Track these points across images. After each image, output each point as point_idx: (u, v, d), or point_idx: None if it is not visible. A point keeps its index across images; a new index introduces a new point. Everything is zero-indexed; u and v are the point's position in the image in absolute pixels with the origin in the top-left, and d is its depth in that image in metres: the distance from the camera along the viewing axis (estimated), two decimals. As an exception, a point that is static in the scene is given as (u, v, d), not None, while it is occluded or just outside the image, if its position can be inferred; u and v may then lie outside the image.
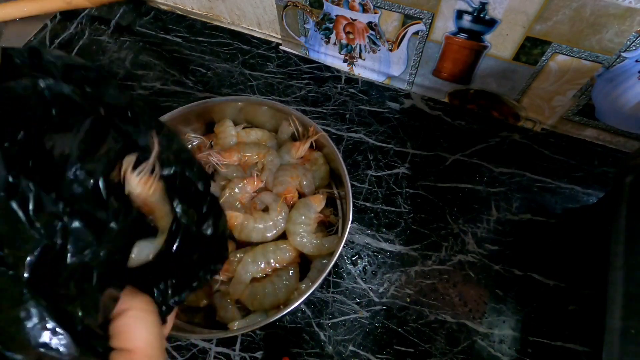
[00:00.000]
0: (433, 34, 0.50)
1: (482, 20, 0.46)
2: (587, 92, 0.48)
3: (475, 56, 0.51)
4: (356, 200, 0.52)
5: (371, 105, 0.60)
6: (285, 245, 0.44)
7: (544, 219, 0.50)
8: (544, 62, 0.47)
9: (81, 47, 0.69)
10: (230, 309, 0.43)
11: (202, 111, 0.51)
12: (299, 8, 0.57)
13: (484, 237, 0.49)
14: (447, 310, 0.45)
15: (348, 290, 0.47)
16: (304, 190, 0.48)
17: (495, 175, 0.53)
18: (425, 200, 0.52)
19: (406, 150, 0.56)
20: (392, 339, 0.44)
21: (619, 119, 0.50)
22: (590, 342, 0.43)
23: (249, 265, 0.43)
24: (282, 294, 0.42)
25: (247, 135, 0.52)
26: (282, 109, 0.50)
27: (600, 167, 0.53)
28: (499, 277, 0.47)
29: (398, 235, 0.50)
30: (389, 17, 0.51)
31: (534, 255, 0.48)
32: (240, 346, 0.45)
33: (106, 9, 0.73)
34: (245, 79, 0.64)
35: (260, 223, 0.44)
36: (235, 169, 0.49)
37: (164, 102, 0.62)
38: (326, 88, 0.62)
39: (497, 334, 0.44)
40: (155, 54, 0.67)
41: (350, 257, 0.49)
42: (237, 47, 0.67)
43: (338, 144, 0.56)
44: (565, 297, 0.45)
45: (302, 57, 0.65)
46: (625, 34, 0.41)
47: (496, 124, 0.57)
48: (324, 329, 0.45)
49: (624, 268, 0.37)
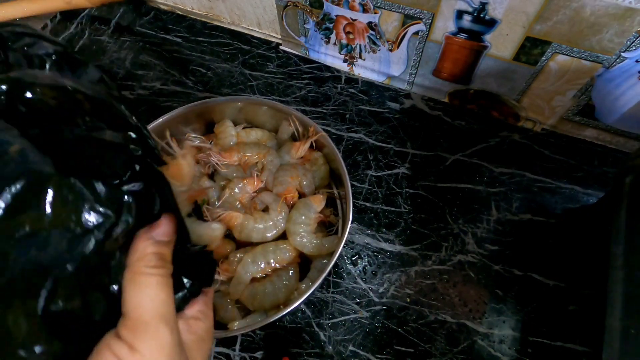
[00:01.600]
0: (433, 34, 0.50)
1: (482, 20, 0.46)
2: (587, 92, 0.48)
3: (475, 56, 0.51)
4: (356, 200, 0.52)
5: (371, 105, 0.60)
6: (285, 245, 0.44)
7: (544, 219, 0.50)
8: (544, 62, 0.47)
9: (81, 47, 0.69)
10: (230, 309, 0.43)
11: (202, 111, 0.51)
12: (299, 8, 0.57)
13: (484, 237, 0.49)
14: (447, 310, 0.45)
15: (348, 290, 0.47)
16: (304, 190, 0.48)
17: (495, 175, 0.53)
18: (425, 200, 0.52)
19: (406, 150, 0.56)
20: (392, 339, 0.44)
21: (619, 119, 0.50)
22: (590, 342, 0.43)
23: (249, 265, 0.43)
24: (282, 294, 0.42)
25: (247, 135, 0.52)
26: (282, 109, 0.50)
27: (600, 167, 0.53)
28: (499, 277, 0.47)
29: (398, 235, 0.50)
30: (389, 17, 0.51)
31: (534, 255, 0.48)
32: (240, 346, 0.45)
33: (106, 9, 0.73)
34: (245, 79, 0.64)
35: (260, 223, 0.44)
36: (235, 169, 0.49)
37: (164, 102, 0.62)
38: (326, 88, 0.62)
39: (497, 334, 0.44)
40: (155, 54, 0.67)
41: (350, 257, 0.49)
42: (237, 47, 0.67)
43: (338, 144, 0.56)
44: (565, 297, 0.45)
45: (302, 57, 0.65)
46: (625, 34, 0.41)
47: (496, 124, 0.57)
48: (324, 329, 0.45)
49: (624, 268, 0.37)
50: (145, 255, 0.19)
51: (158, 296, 0.19)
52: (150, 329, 0.18)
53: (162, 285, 0.19)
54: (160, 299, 0.19)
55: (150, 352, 0.18)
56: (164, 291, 0.19)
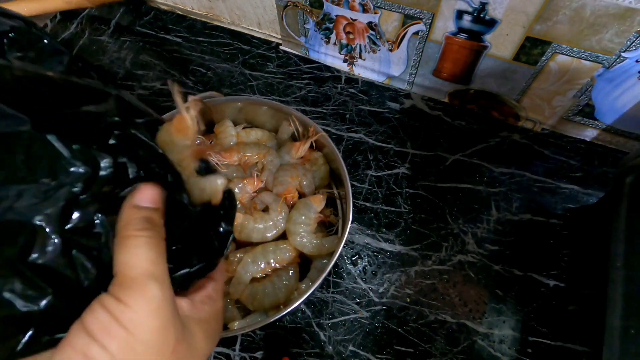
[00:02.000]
0: (433, 34, 0.50)
1: (482, 20, 0.46)
2: (587, 92, 0.48)
3: (475, 56, 0.51)
4: (356, 200, 0.52)
5: (371, 105, 0.60)
6: (285, 245, 0.44)
7: (544, 219, 0.50)
8: (544, 62, 0.47)
9: (81, 47, 0.69)
10: (230, 309, 0.43)
11: (202, 111, 0.51)
12: (299, 8, 0.57)
13: (484, 237, 0.49)
14: (447, 310, 0.45)
15: (348, 290, 0.47)
16: (304, 190, 0.48)
17: (495, 175, 0.53)
18: (425, 200, 0.52)
19: (406, 150, 0.56)
20: (392, 339, 0.44)
21: (619, 119, 0.50)
22: (590, 342, 0.43)
23: (248, 265, 0.43)
24: (282, 294, 0.42)
25: (247, 135, 0.52)
26: (282, 109, 0.50)
27: (600, 167, 0.53)
28: (499, 277, 0.47)
29: (398, 235, 0.50)
30: (389, 17, 0.51)
31: (534, 255, 0.48)
32: (240, 346, 0.45)
33: (106, 9, 0.73)
34: (245, 79, 0.64)
35: (260, 223, 0.44)
36: (235, 169, 0.49)
37: (164, 102, 0.62)
38: (326, 88, 0.62)
39: (497, 334, 0.44)
40: (155, 54, 0.67)
41: (350, 257, 0.49)
42: (237, 47, 0.67)
43: (338, 144, 0.56)
44: (565, 297, 0.45)
45: (302, 57, 0.65)
46: (625, 34, 0.41)
47: (496, 124, 0.57)
48: (324, 329, 0.45)
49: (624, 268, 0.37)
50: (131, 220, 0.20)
51: (146, 254, 0.19)
52: (138, 285, 0.18)
53: (150, 245, 0.19)
54: (148, 257, 0.19)
55: (138, 305, 0.18)
56: (153, 250, 0.19)
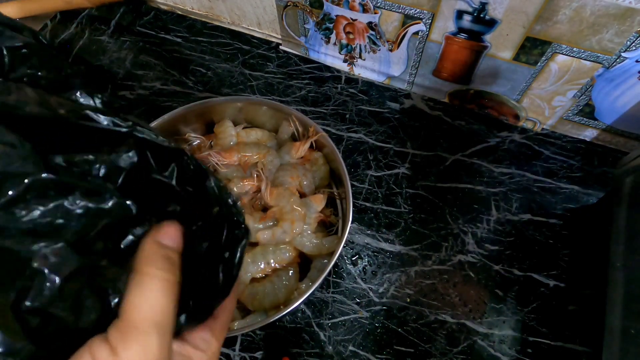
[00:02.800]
0: (433, 34, 0.50)
1: (482, 21, 0.46)
2: (587, 92, 0.48)
3: (475, 56, 0.51)
4: (356, 200, 0.52)
5: (371, 105, 0.60)
6: (285, 245, 0.44)
7: (544, 219, 0.50)
8: (544, 62, 0.47)
9: (81, 47, 0.69)
10: (230, 309, 0.43)
11: (202, 111, 0.51)
12: (299, 8, 0.57)
13: (484, 237, 0.49)
14: (447, 310, 0.45)
15: (348, 290, 0.47)
16: (304, 190, 0.48)
17: (495, 175, 0.53)
18: (425, 200, 0.52)
19: (406, 150, 0.56)
20: (392, 339, 0.44)
21: (618, 119, 0.50)
22: (590, 342, 0.43)
23: (248, 265, 0.43)
24: (282, 294, 0.42)
25: (247, 135, 0.52)
26: (282, 109, 0.50)
27: (600, 167, 0.53)
28: (499, 277, 0.47)
29: (398, 235, 0.50)
30: (389, 17, 0.51)
31: (534, 255, 0.48)
32: (240, 346, 0.45)
33: (106, 9, 0.73)
34: (245, 79, 0.64)
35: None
36: (235, 169, 0.49)
37: (164, 102, 0.62)
38: (326, 88, 0.62)
39: (497, 334, 0.44)
40: (155, 54, 0.67)
41: (350, 257, 0.49)
42: (237, 47, 0.67)
43: (338, 144, 0.56)
44: (565, 297, 0.45)
45: (302, 57, 0.65)
46: (625, 34, 0.41)
47: (496, 124, 0.57)
48: (324, 329, 0.45)
49: (624, 268, 0.37)
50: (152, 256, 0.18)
51: (158, 301, 0.18)
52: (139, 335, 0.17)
53: (165, 291, 0.18)
54: (160, 305, 0.18)
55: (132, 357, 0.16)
56: (166, 298, 0.18)
